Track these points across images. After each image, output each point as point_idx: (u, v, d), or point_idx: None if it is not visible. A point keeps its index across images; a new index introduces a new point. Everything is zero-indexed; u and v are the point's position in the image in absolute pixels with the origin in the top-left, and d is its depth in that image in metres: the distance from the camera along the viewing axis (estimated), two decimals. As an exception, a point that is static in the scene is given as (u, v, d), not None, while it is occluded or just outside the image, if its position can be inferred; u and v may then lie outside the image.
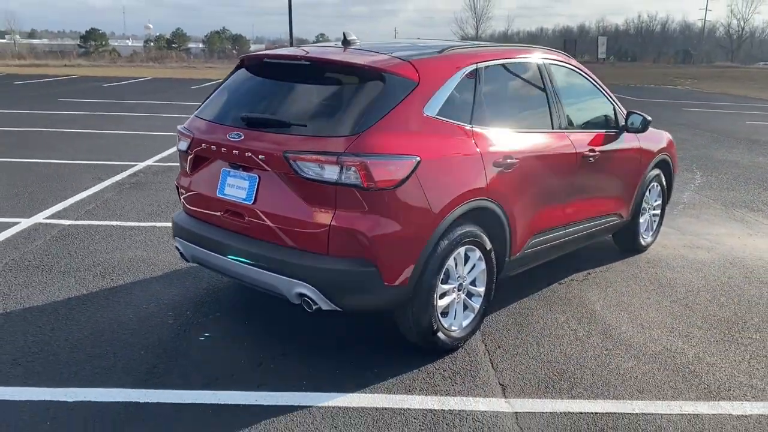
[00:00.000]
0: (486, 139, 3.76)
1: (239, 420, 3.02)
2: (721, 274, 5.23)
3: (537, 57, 4.41)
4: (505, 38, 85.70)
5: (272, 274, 3.37)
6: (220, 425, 2.98)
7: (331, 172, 3.17)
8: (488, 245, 3.80)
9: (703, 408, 3.27)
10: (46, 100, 17.90)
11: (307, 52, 3.75)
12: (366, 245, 3.22)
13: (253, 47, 71.82)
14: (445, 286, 3.64)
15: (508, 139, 3.91)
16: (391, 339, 3.79)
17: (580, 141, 4.51)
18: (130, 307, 4.25)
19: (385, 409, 3.17)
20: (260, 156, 3.36)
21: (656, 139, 5.58)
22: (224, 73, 11.74)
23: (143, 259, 5.12)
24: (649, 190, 5.62)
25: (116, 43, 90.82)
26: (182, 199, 4.00)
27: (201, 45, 75.50)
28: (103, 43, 72.79)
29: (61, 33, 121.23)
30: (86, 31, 77.33)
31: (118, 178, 8.05)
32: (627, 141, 5.07)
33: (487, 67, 3.95)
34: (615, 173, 4.99)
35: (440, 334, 3.61)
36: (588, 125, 4.85)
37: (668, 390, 3.43)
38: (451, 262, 3.60)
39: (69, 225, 6.02)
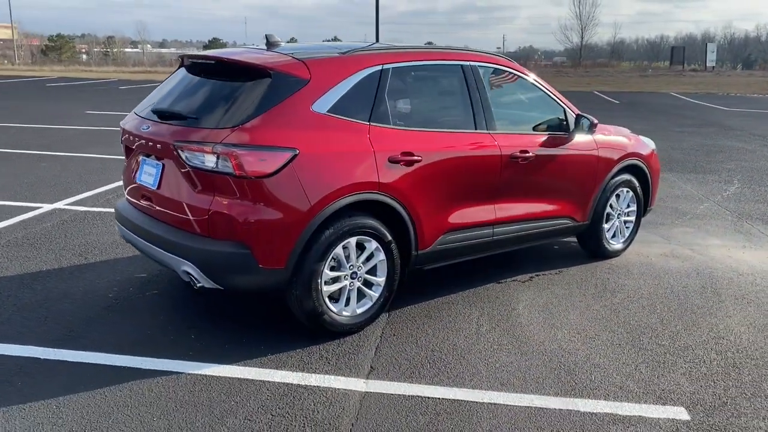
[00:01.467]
0: (384, 136, 3.95)
1: (113, 378, 3.41)
2: (677, 283, 5.09)
3: (462, 60, 4.52)
4: (613, 46, 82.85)
5: (168, 253, 3.74)
6: (95, 381, 3.37)
7: (209, 161, 3.51)
8: (387, 237, 3.99)
9: (554, 403, 3.31)
10: (137, 101, 19.37)
11: (223, 53, 4.10)
12: (240, 229, 3.52)
13: None
14: (334, 273, 3.86)
15: (411, 137, 4.07)
16: (294, 320, 4.03)
17: (509, 143, 4.57)
18: (85, 281, 4.76)
19: (247, 379, 3.45)
20: (158, 145, 3.75)
21: (623, 143, 5.50)
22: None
23: (124, 242, 5.65)
24: (617, 196, 5.54)
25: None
26: (124, 187, 4.46)
27: None
28: (223, 51, 76.77)
29: (189, 43, 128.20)
30: (209, 41, 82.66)
31: (150, 172, 8.75)
32: (578, 144, 5.06)
33: (395, 68, 4.14)
34: (561, 176, 4.99)
35: (327, 318, 3.84)
36: (525, 128, 4.90)
37: (532, 384, 3.49)
38: (339, 250, 3.82)
39: (82, 211, 6.70)
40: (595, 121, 5.00)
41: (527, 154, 4.65)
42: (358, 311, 4.01)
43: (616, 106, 22.24)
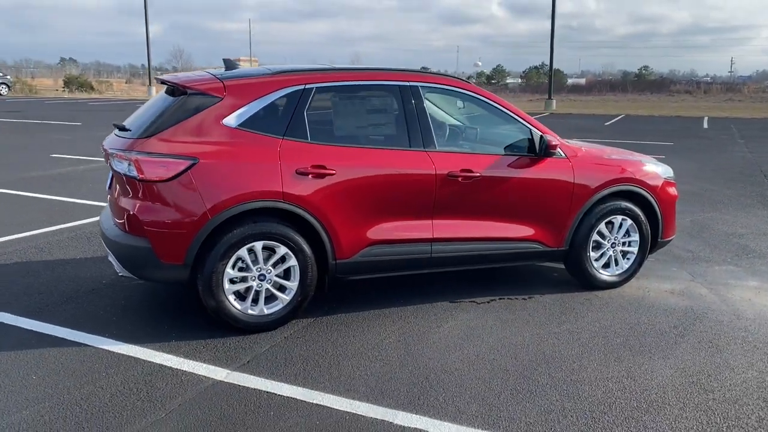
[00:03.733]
0: (296, 150, 4.25)
1: (36, 342, 4.11)
2: (648, 320, 4.68)
3: (401, 81, 4.64)
4: None
5: (105, 245, 4.40)
6: (21, 342, 4.09)
7: (123, 166, 4.09)
8: (299, 244, 4.27)
9: (376, 413, 3.35)
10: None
11: (170, 75, 4.69)
12: (143, 227, 4.05)
13: (570, 81, 72.58)
14: (242, 273, 4.22)
15: (327, 152, 4.32)
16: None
17: (449, 162, 4.59)
18: (97, 270, 5.60)
19: (133, 357, 3.94)
20: (106, 154, 4.42)
21: (613, 168, 5.17)
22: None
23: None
24: (609, 224, 5.21)
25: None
26: None
27: (519, 80, 78.58)
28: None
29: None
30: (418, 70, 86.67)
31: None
32: (546, 166, 4.89)
33: (319, 87, 4.42)
34: (521, 198, 4.85)
35: (229, 314, 4.20)
36: (476, 148, 4.87)
37: (376, 394, 3.55)
38: (243, 252, 4.18)
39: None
40: (554, 142, 4.81)
41: (471, 174, 4.63)
42: (267, 311, 4.32)
43: (807, 136, 19.62)
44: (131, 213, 4.09)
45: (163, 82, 4.59)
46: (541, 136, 4.84)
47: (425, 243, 4.63)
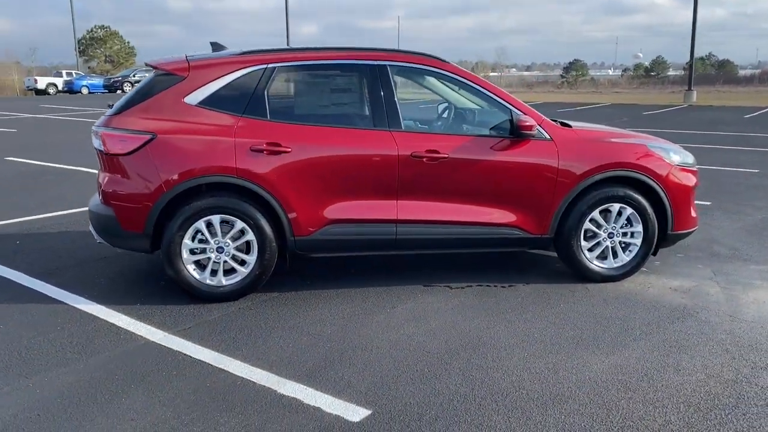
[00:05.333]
0: (252, 127, 4.40)
1: (24, 297, 4.61)
2: (619, 315, 4.33)
3: (368, 60, 4.61)
4: None
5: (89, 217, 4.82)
6: (15, 297, 4.59)
7: (97, 142, 4.47)
8: (257, 219, 4.42)
9: (266, 381, 3.43)
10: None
11: (154, 59, 5.00)
12: (108, 197, 4.40)
13: (742, 72, 67.32)
14: (199, 245, 4.44)
15: (283, 130, 4.42)
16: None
17: (414, 142, 4.52)
18: (119, 239, 6.10)
19: (92, 315, 4.31)
20: (94, 132, 4.84)
21: (606, 152, 4.81)
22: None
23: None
24: (605, 212, 4.87)
25: (596, 73, 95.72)
26: None
27: (682, 71, 74.02)
28: (583, 73, 78.82)
29: (555, 65, 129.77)
30: (569, 63, 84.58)
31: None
32: (525, 148, 4.66)
33: (282, 66, 4.53)
34: (497, 182, 4.64)
35: (186, 282, 4.44)
36: (447, 128, 4.74)
37: (284, 366, 3.60)
38: (200, 225, 4.39)
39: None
40: (528, 123, 4.55)
41: (437, 155, 4.52)
42: (225, 283, 4.51)
43: None
44: (101, 184, 4.45)
45: (147, 65, 4.92)
46: (518, 117, 4.61)
47: (389, 224, 4.59)
